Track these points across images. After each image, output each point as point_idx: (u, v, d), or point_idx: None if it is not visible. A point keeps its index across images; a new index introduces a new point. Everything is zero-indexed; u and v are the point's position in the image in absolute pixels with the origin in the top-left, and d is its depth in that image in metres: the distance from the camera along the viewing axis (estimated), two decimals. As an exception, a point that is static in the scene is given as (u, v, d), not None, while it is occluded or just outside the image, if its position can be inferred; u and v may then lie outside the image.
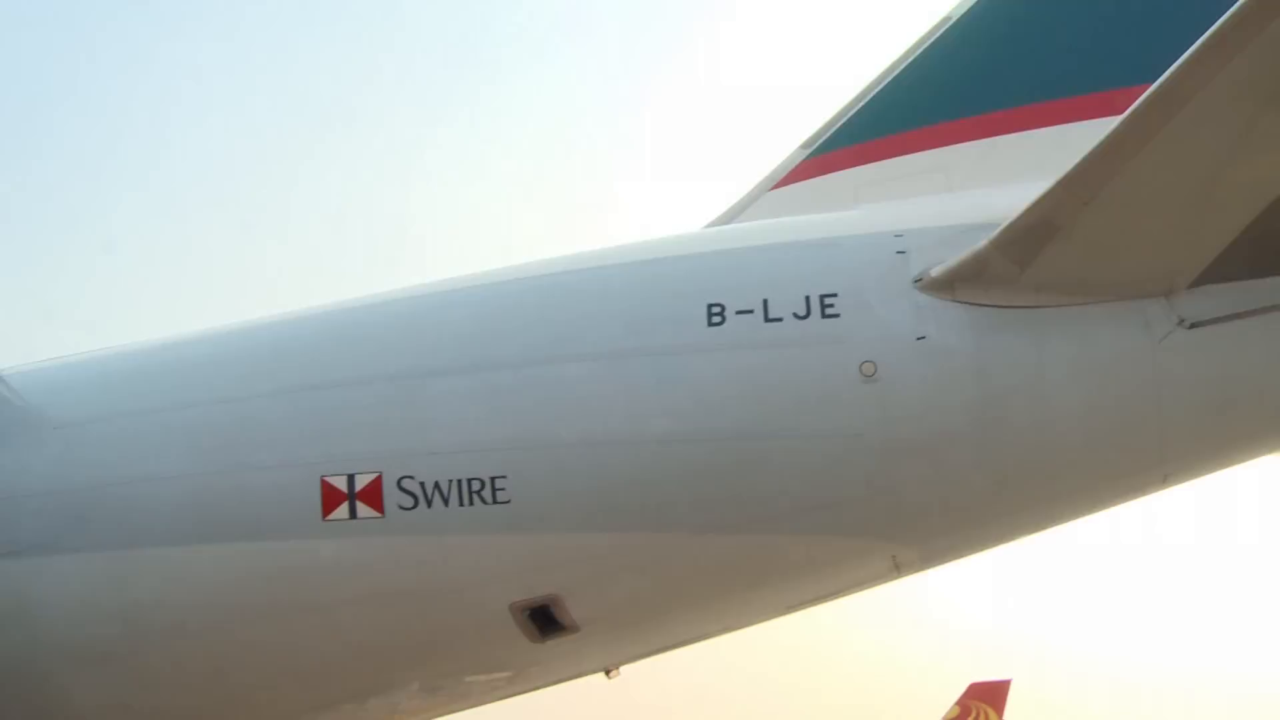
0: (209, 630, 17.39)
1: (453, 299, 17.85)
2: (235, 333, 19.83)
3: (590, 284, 16.82)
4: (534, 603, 15.96)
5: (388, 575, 16.13)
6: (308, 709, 19.88)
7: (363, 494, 15.65)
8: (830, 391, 15.15)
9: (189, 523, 16.97)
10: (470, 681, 18.89)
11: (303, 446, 16.59)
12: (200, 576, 17.04)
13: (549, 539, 15.43)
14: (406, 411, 16.20)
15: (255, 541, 16.48)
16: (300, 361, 17.89)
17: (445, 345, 16.74)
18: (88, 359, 21.53)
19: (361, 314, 18.55)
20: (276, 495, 16.43)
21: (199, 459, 17.27)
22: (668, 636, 18.13)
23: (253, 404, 17.43)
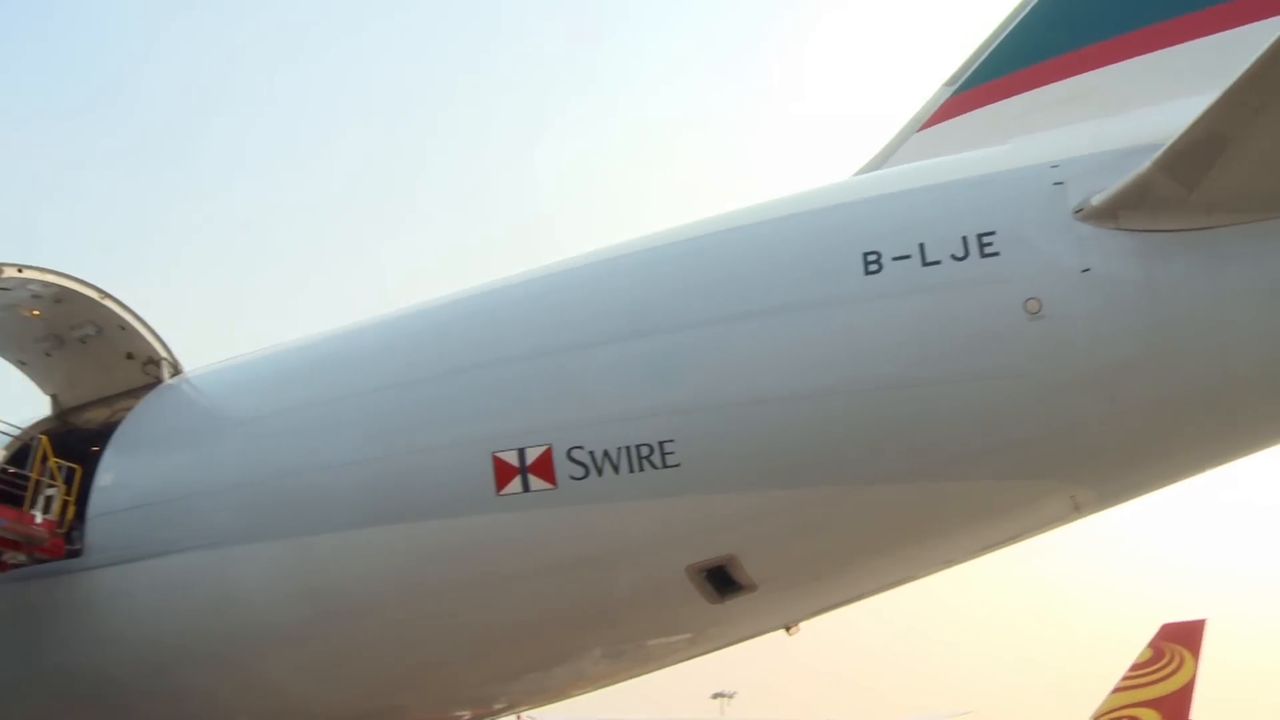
0: (394, 608, 18.04)
1: (608, 269, 17.98)
2: (396, 321, 20.36)
3: (743, 243, 16.73)
4: (710, 564, 16.08)
5: (564, 545, 16.41)
6: (493, 679, 20.45)
7: (534, 467, 15.97)
8: (995, 332, 14.81)
9: (368, 506, 17.59)
10: (651, 645, 19.10)
11: (472, 425, 17.00)
12: (382, 557, 17.68)
13: (721, 499, 15.47)
14: (571, 383, 16.42)
15: (432, 520, 16.98)
16: (464, 342, 18.30)
17: (604, 315, 16.88)
18: (262, 357, 22.40)
19: (518, 292, 18.83)
20: (450, 474, 16.89)
21: (373, 444, 17.86)
22: (846, 590, 18.02)
23: (421, 387, 17.92)
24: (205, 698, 20.92)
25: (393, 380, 18.53)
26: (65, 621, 21.02)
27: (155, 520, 20.01)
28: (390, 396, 18.23)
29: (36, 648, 21.61)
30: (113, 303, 22.31)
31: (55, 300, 22.01)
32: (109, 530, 20.57)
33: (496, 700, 22.14)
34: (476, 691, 21.22)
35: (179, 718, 22.29)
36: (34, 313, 22.46)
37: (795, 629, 18.81)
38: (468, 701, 22.12)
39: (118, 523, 20.54)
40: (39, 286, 21.49)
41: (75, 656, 21.23)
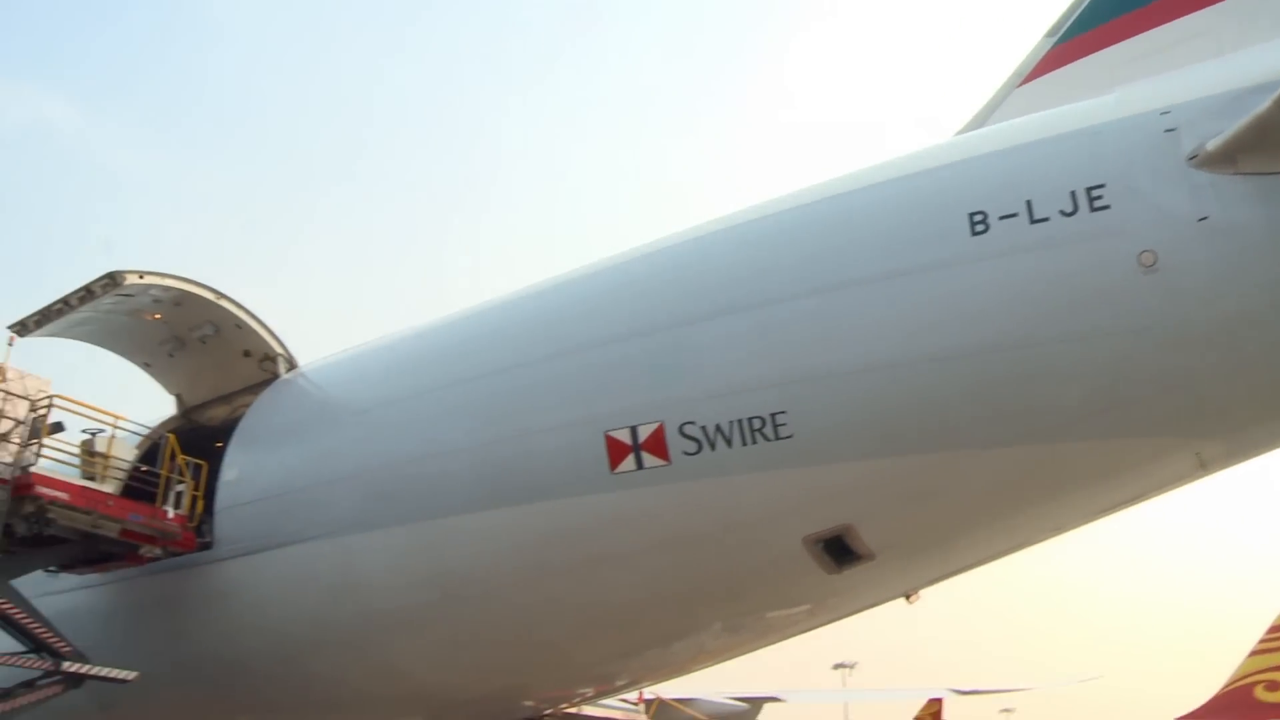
0: (514, 589, 18.29)
1: (710, 244, 17.93)
2: (505, 306, 20.58)
3: (847, 209, 16.54)
4: (827, 534, 16.01)
5: (680, 521, 16.44)
6: (614, 657, 20.63)
7: (647, 444, 16.04)
8: (1108, 288, 14.42)
9: (485, 489, 17.84)
10: (771, 617, 19.09)
11: (583, 405, 17.12)
12: (500, 539, 17.92)
13: (835, 469, 15.35)
14: (680, 359, 16.42)
15: (549, 500, 17.15)
16: (572, 324, 18.43)
17: (710, 289, 16.85)
18: (373, 348, 22.83)
19: (622, 272, 18.91)
20: (564, 454, 17.05)
21: (487, 428, 18.11)
22: (965, 556, 17.78)
23: (532, 369, 18.09)
24: (333, 682, 21.50)
25: (504, 364, 18.75)
26: (199, 611, 21.76)
27: (279, 511, 20.58)
28: (502, 381, 18.45)
29: (175, 637, 22.43)
30: (228, 302, 22.94)
31: (175, 303, 22.71)
32: (236, 523, 21.23)
33: (618, 677, 22.39)
34: (598, 669, 21.47)
35: (309, 702, 22.94)
36: (156, 316, 23.22)
37: (915, 597, 18.62)
38: (590, 679, 22.41)
39: (244, 515, 21.19)
40: (159, 291, 22.19)
41: (210, 645, 21.97)
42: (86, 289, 21.33)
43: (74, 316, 21.98)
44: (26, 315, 21.76)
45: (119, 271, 21.15)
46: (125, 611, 23.09)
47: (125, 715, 24.08)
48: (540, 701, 24.00)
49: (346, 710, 23.62)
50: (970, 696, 52.24)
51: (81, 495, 19.77)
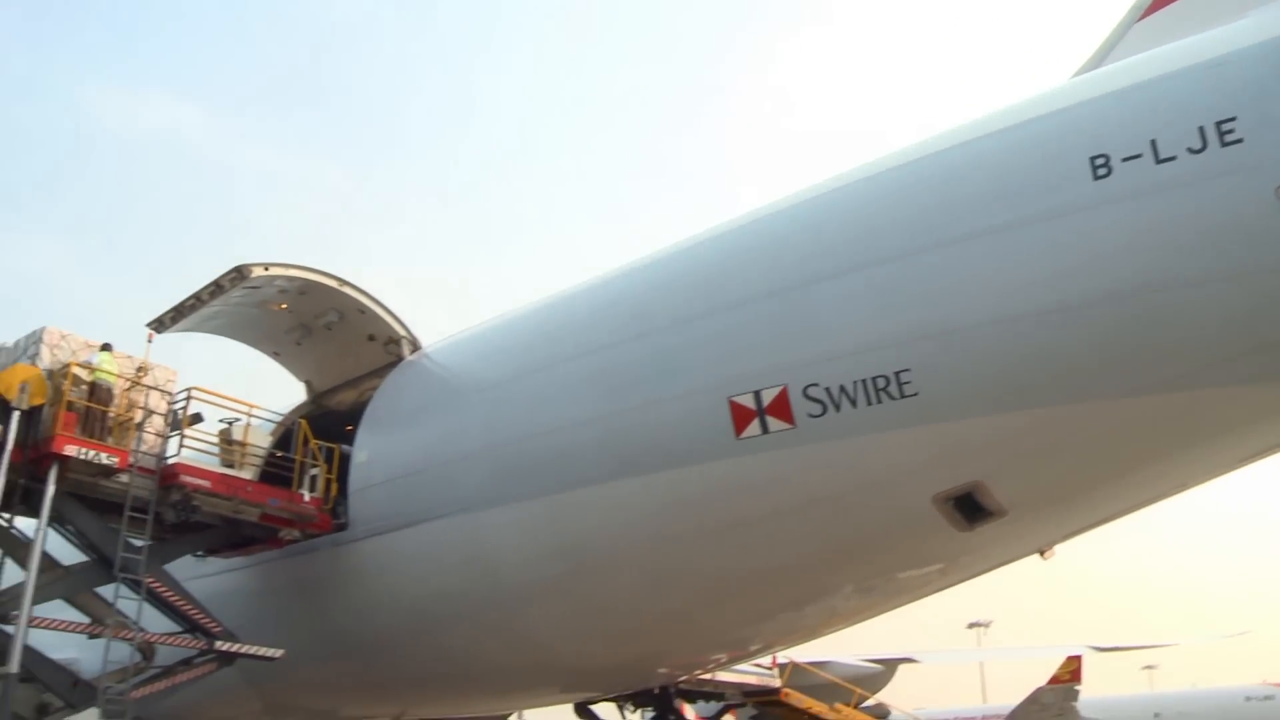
0: (643, 558, 18.40)
1: (824, 204, 17.73)
2: (623, 277, 20.67)
3: (963, 161, 16.18)
4: (957, 491, 15.77)
5: (808, 484, 16.36)
6: (745, 623, 20.66)
7: (771, 408, 15.96)
8: (1244, 226, 13.78)
9: (611, 460, 17.97)
10: (902, 578, 18.91)
11: (705, 372, 17.12)
12: (628, 509, 18.04)
13: (963, 425, 15.10)
14: (800, 321, 16.30)
15: (674, 469, 17.20)
16: (690, 292, 18.42)
17: (827, 250, 16.68)
18: (494, 326, 23.12)
19: (737, 237, 18.83)
20: (688, 422, 17.07)
21: (610, 399, 18.22)
22: (1101, 510, 17.35)
23: (652, 339, 18.14)
24: (469, 655, 21.95)
25: (624, 335, 18.83)
26: (338, 590, 22.38)
27: (410, 490, 21.03)
28: (623, 351, 18.54)
29: (317, 615, 23.12)
30: (351, 289, 23.43)
31: (300, 292, 23.28)
32: (369, 503, 21.77)
33: (751, 643, 22.42)
34: (730, 636, 21.52)
35: (447, 675, 23.48)
36: (282, 306, 23.83)
37: (1050, 553, 18.21)
38: (722, 646, 22.48)
39: (376, 496, 21.71)
40: (284, 281, 22.77)
41: (350, 622, 22.60)
42: (216, 284, 22.00)
43: (205, 311, 22.69)
44: (162, 312, 22.54)
45: (245, 265, 21.78)
46: (269, 592, 23.89)
47: (275, 690, 24.96)
48: (674, 669, 24.21)
49: (484, 682, 24.13)
50: (1111, 653, 51.25)
51: (222, 482, 20.52)
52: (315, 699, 26.95)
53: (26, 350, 19.98)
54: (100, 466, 19.10)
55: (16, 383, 18.79)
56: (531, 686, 25.30)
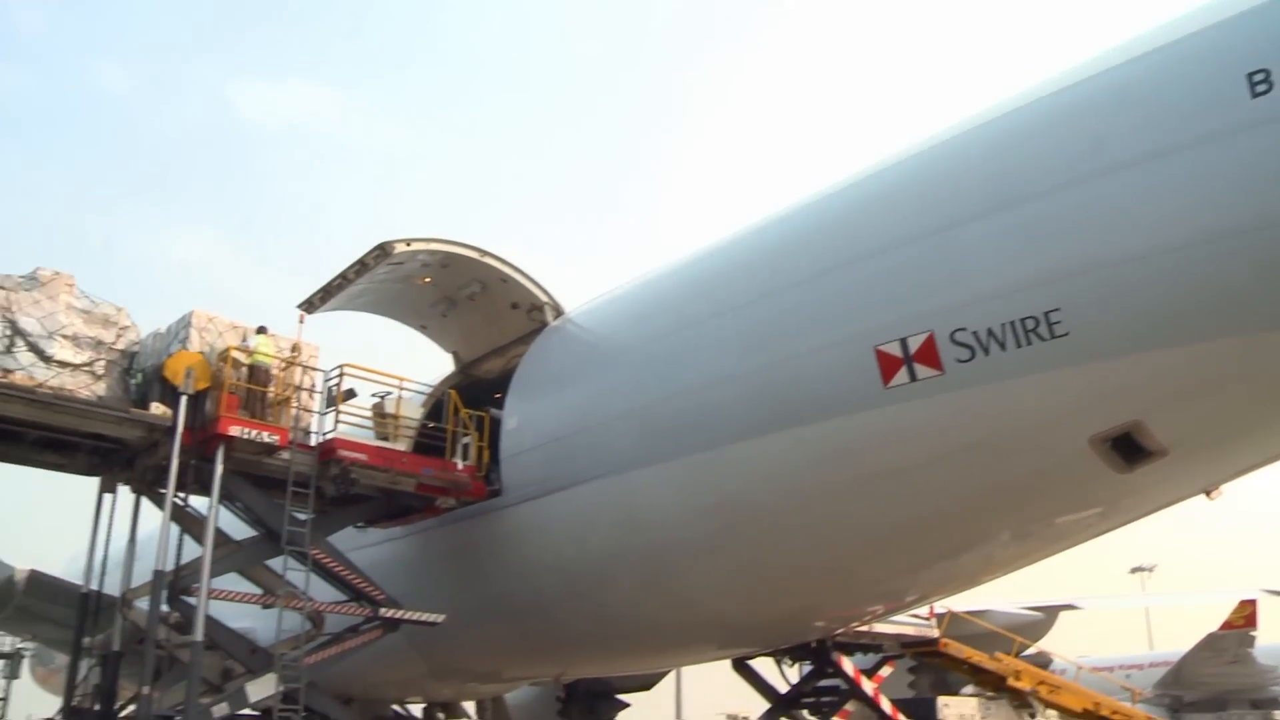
0: (796, 512, 18.37)
1: (961, 145, 17.34)
2: (759, 232, 20.61)
3: (1106, 89, 15.57)
4: (1114, 432, 15.35)
5: (960, 430, 16.12)
6: (901, 573, 20.51)
7: (919, 355, 15.76)
8: None
9: (758, 415, 17.98)
10: (1061, 523, 18.52)
11: (850, 322, 16.98)
12: (778, 463, 18.03)
13: (1118, 364, 14.63)
14: (944, 265, 16.03)
15: (823, 421, 17.11)
16: (830, 243, 18.28)
17: (968, 190, 16.31)
18: (635, 287, 23.25)
19: (875, 183, 18.57)
20: (834, 373, 16.97)
21: (755, 354, 18.21)
22: (1270, 446, 16.55)
23: (794, 292, 18.07)
24: (626, 615, 22.28)
25: (767, 289, 18.76)
26: (495, 555, 22.94)
27: (561, 454, 21.39)
28: (766, 306, 18.48)
29: (475, 580, 23.75)
30: (492, 259, 23.82)
31: (442, 265, 23.76)
32: (521, 469, 22.21)
33: (907, 594, 22.27)
34: (885, 587, 21.42)
35: (605, 635, 23.86)
36: (425, 280, 24.36)
37: (1217, 493, 17.54)
38: (878, 597, 22.38)
39: (528, 461, 22.14)
40: (426, 255, 23.27)
41: (507, 586, 23.16)
42: (360, 262, 22.61)
43: (352, 290, 23.35)
44: (312, 293, 23.27)
45: (388, 242, 22.33)
46: (428, 559, 24.63)
47: (438, 655, 25.75)
48: (830, 622, 24.22)
49: (641, 641, 24.47)
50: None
51: (378, 455, 21.20)
52: (477, 661, 27.72)
53: (177, 334, 20.93)
54: (263, 445, 19.92)
55: (182, 369, 19.68)
56: (688, 644, 25.58)
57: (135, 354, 20.95)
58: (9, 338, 19.14)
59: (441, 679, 29.03)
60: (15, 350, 19.14)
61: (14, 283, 19.63)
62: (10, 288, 19.51)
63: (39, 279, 19.93)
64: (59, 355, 19.55)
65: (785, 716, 28.68)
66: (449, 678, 29.26)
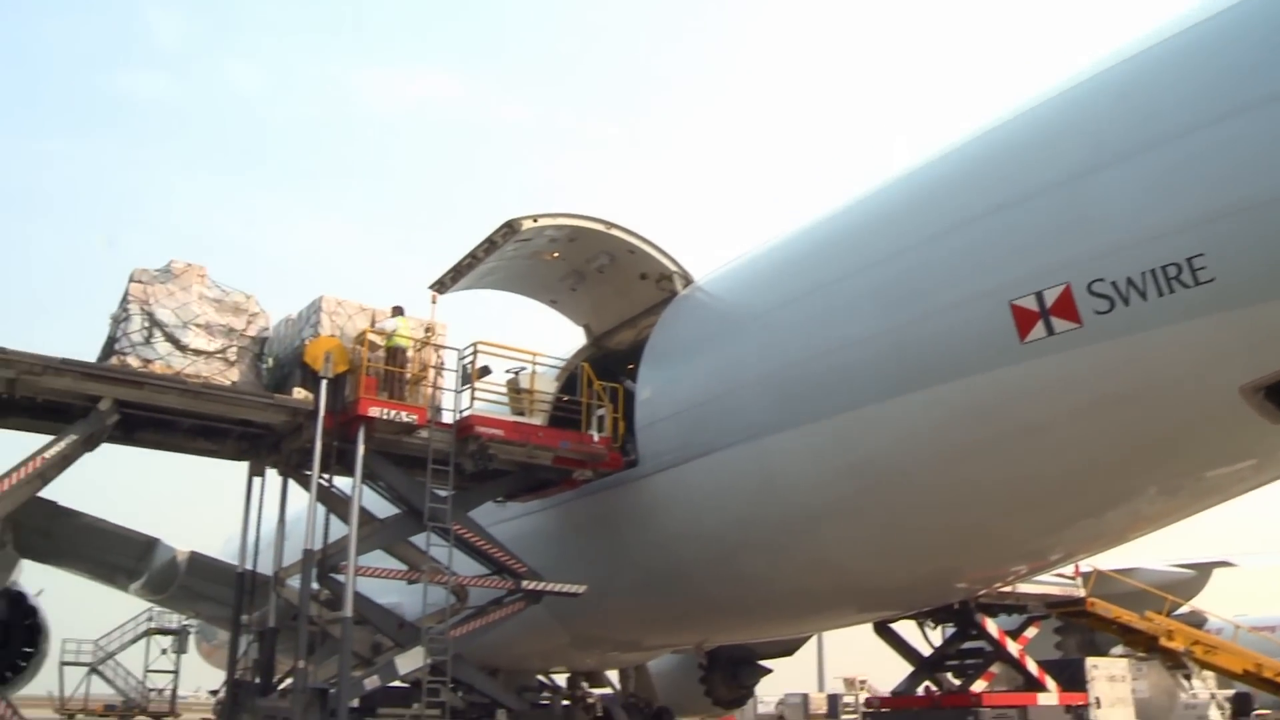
0: (935, 472, 18.10)
1: (1087, 92, 16.76)
2: (883, 192, 20.27)
3: (1238, 22, 14.83)
4: (1267, 380, 14.70)
5: (1102, 383, 15.63)
6: (1044, 532, 20.06)
7: (1056, 308, 15.31)
8: None
9: (893, 376, 17.75)
10: (1211, 477, 17.87)
11: (981, 277, 16.61)
12: (915, 424, 17.79)
13: (1269, 308, 13.91)
14: (1077, 214, 15.54)
15: (959, 380, 16.78)
16: (957, 198, 17.90)
17: (1098, 138, 15.77)
18: (761, 253, 23.11)
19: (1001, 134, 18.11)
20: (969, 331, 16.63)
21: (887, 314, 17.96)
22: None
23: (923, 250, 17.76)
24: (766, 581, 22.28)
25: (895, 249, 18.45)
26: (633, 525, 23.14)
27: (695, 423, 21.44)
28: (894, 265, 18.18)
29: (614, 550, 24.00)
30: (619, 231, 23.93)
31: (569, 239, 23.95)
32: (656, 438, 22.35)
33: (1051, 553, 21.76)
34: (1029, 546, 20.94)
35: (745, 601, 23.92)
36: (554, 255, 24.59)
37: None
38: (1020, 557, 21.91)
39: (663, 430, 22.25)
40: (553, 230, 23.46)
41: (646, 555, 23.36)
42: (489, 240, 22.92)
43: (482, 268, 23.71)
44: (443, 273, 23.65)
45: (515, 219, 22.63)
46: (568, 531, 24.99)
47: (580, 625, 26.11)
48: (973, 583, 23.82)
49: (782, 606, 24.47)
50: None
51: (514, 430, 21.57)
52: (619, 630, 28.04)
53: (308, 320, 21.60)
54: (401, 424, 20.41)
55: (321, 354, 20.26)
56: (829, 608, 25.49)
57: (265, 339, 21.73)
58: (147, 329, 20.00)
59: (584, 649, 29.44)
60: (154, 341, 19.99)
61: (150, 276, 20.48)
62: (147, 281, 20.36)
63: (172, 271, 20.77)
64: (193, 344, 20.37)
65: (929, 680, 28.31)
66: (591, 647, 29.66)
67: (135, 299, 20.24)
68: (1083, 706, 25.84)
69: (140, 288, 20.26)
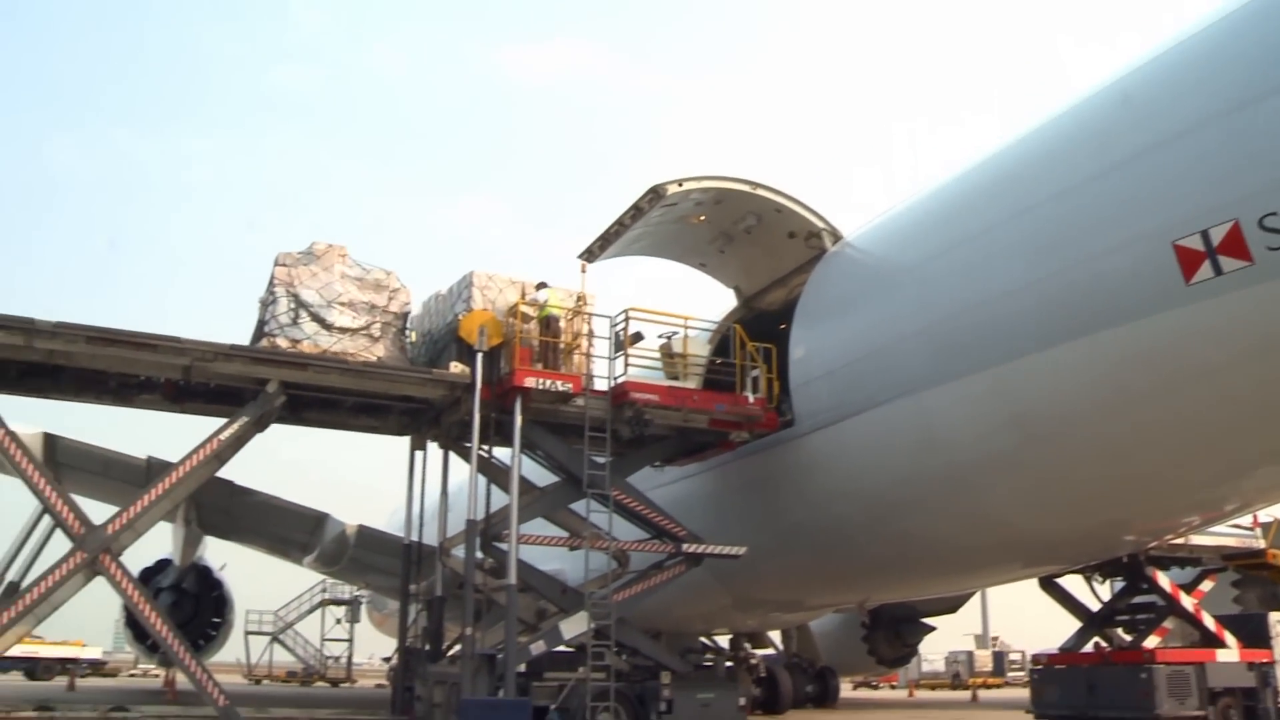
0: (1100, 421, 17.61)
1: (1247, 17, 15.78)
2: (1034, 136, 19.66)
3: None
4: None
5: (1277, 323, 14.77)
6: (1217, 480, 19.33)
7: (1223, 246, 14.66)
8: None
9: (1053, 323, 17.30)
10: None
11: (1141, 219, 16.03)
12: (1078, 372, 17.29)
13: None
14: (1244, 146, 14.82)
15: (1122, 325, 16.24)
16: (1111, 137, 17.26)
17: (1263, 64, 14.85)
18: (910, 205, 22.69)
19: (1156, 68, 17.31)
20: (1130, 274, 16.08)
21: (1044, 261, 17.51)
22: None
23: (1078, 193, 17.24)
24: (929, 539, 22.07)
25: (1049, 193, 17.90)
26: (791, 485, 23.14)
27: (851, 380, 21.29)
28: (1049, 211, 17.63)
29: (773, 511, 24.02)
30: (765, 190, 23.82)
31: (715, 202, 23.92)
32: (812, 397, 22.29)
33: (1226, 502, 20.90)
34: (1201, 496, 20.17)
35: (906, 560, 23.75)
36: (700, 219, 24.62)
37: None
38: (1192, 507, 21.09)
39: (818, 389, 22.18)
40: (699, 194, 23.46)
41: (806, 515, 23.38)
42: (635, 207, 23.05)
43: (629, 235, 23.90)
44: (591, 242, 23.85)
45: (660, 184, 22.74)
46: (726, 493, 25.14)
47: (741, 586, 26.26)
48: (1142, 535, 23.09)
49: (945, 563, 24.19)
50: None
51: (670, 394, 21.73)
52: (780, 591, 28.11)
53: (460, 295, 22.11)
54: (557, 394, 20.78)
55: (475, 327, 20.72)
56: (993, 564, 25.07)
57: (407, 314, 22.30)
58: (294, 310, 20.76)
59: (746, 610, 29.59)
60: (300, 321, 20.71)
61: (294, 258, 21.22)
62: (290, 264, 21.09)
63: (314, 252, 21.48)
64: (338, 322, 21.05)
65: (1098, 636, 27.56)
66: (753, 609, 29.78)
67: (280, 282, 21.05)
68: (1268, 664, 24.77)
69: (285, 270, 21.04)
